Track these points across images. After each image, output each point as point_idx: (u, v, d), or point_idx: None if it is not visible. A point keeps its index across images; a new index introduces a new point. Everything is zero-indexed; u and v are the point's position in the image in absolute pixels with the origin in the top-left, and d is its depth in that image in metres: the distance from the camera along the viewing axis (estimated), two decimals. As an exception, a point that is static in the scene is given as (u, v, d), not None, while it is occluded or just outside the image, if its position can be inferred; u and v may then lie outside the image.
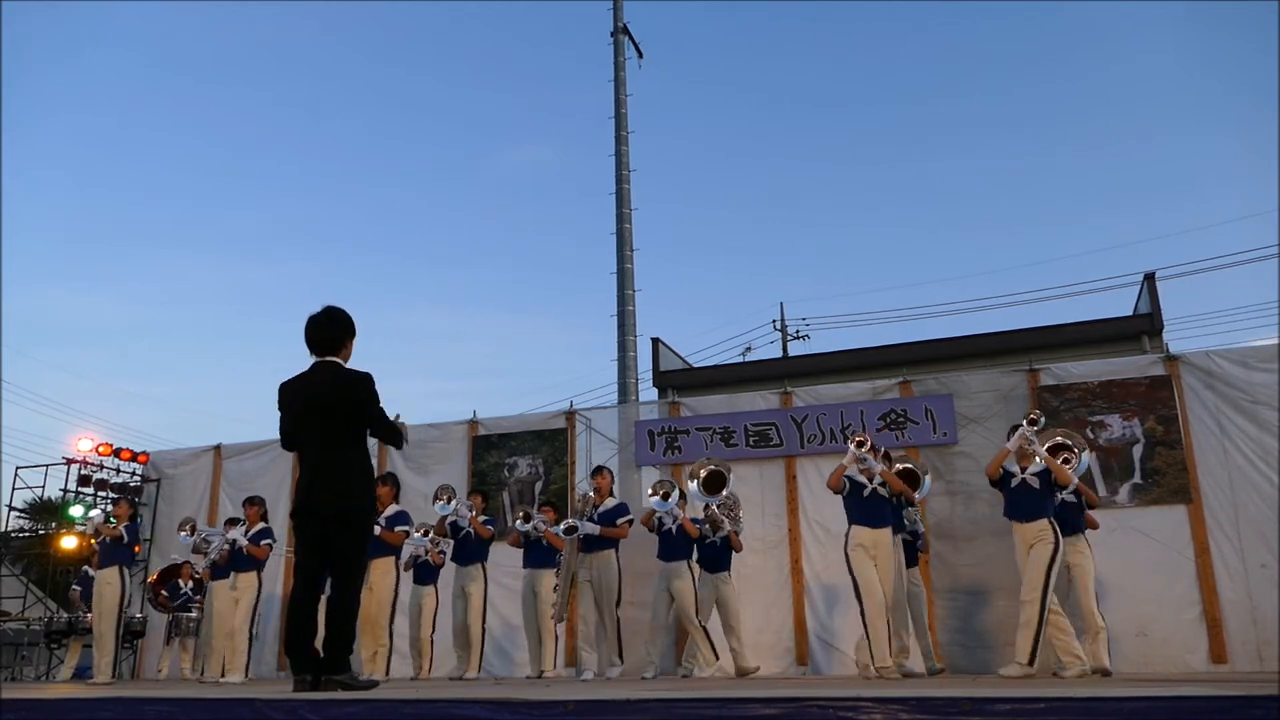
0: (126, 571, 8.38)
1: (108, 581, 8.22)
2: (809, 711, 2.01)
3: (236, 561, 8.36)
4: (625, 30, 16.88)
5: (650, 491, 7.79)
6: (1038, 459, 6.38)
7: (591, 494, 7.85)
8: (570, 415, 10.40)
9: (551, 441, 10.31)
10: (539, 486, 10.17)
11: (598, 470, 8.04)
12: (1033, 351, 11.25)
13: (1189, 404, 8.46)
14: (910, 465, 7.63)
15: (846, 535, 6.48)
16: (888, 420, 9.26)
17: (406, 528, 8.09)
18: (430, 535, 8.61)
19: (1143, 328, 13.61)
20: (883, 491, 6.39)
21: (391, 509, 8.11)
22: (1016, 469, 6.45)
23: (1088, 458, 6.92)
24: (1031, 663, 6.11)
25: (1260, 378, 8.37)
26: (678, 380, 15.50)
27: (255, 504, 8.64)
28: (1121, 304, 32.96)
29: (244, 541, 8.31)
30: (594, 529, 7.43)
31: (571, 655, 9.47)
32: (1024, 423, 6.39)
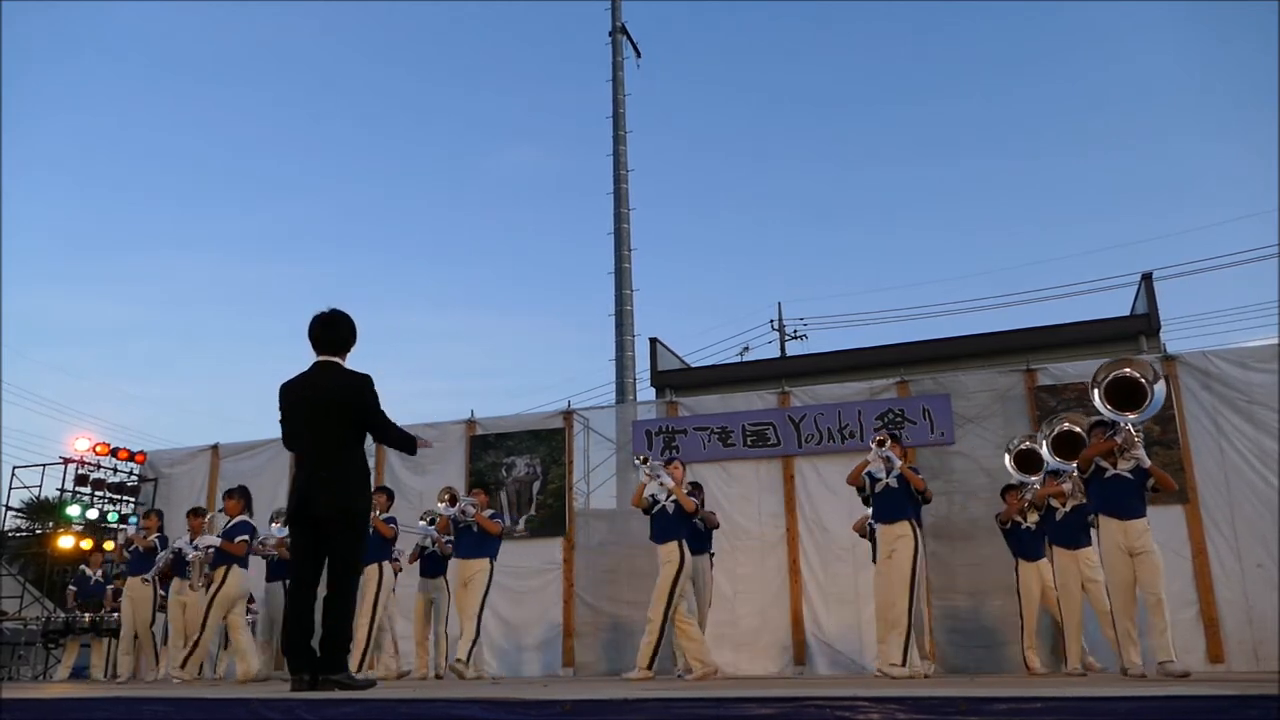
0: (156, 579, 8.71)
1: (141, 589, 8.56)
2: (806, 711, 2.01)
3: (216, 558, 7.73)
4: (623, 30, 16.91)
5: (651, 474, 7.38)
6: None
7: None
8: (568, 415, 10.41)
9: (549, 441, 10.31)
10: (537, 486, 10.18)
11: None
12: (1030, 351, 11.28)
13: (1186, 404, 8.48)
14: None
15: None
16: (885, 420, 9.26)
17: (245, 537, 7.64)
18: (435, 523, 8.52)
19: (1140, 328, 13.64)
20: (669, 508, 7.04)
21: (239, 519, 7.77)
22: (882, 473, 6.71)
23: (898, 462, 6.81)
24: (904, 663, 6.28)
25: (1257, 378, 8.38)
26: (675, 380, 15.52)
27: (234, 496, 7.93)
28: (1119, 304, 32.99)
29: (191, 551, 7.89)
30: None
31: (569, 655, 9.50)
32: (873, 444, 6.77)
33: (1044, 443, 6.66)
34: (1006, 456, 7.55)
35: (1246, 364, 8.49)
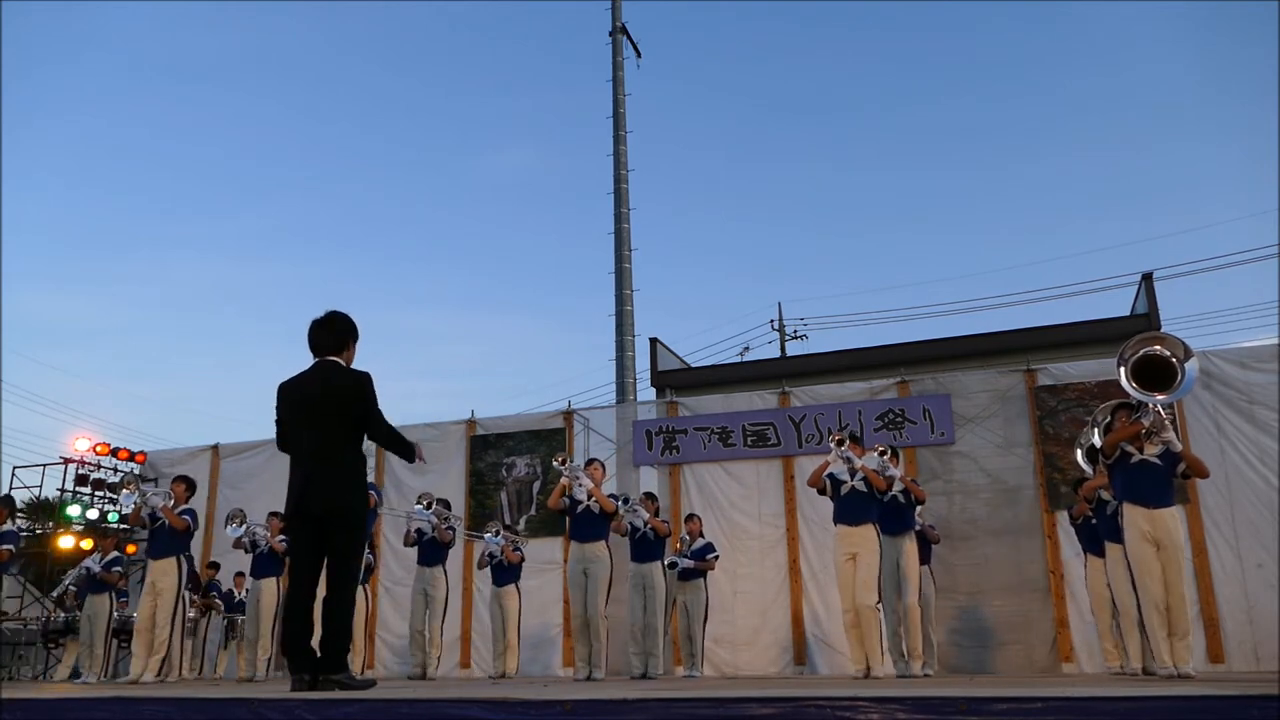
0: (189, 596, 8.89)
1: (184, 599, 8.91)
2: (806, 711, 2.01)
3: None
4: (623, 30, 16.90)
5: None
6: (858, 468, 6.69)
7: (686, 536, 8.60)
8: (568, 415, 10.41)
9: (549, 441, 10.32)
10: (537, 486, 10.18)
11: (690, 517, 8.79)
12: (1030, 351, 11.27)
13: (1186, 404, 8.47)
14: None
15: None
16: (885, 420, 9.27)
17: (10, 546, 7.61)
18: (431, 507, 8.57)
19: (1140, 328, 13.57)
20: (594, 508, 7.21)
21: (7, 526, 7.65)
22: (846, 475, 6.71)
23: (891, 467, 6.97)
24: (882, 657, 6.62)
25: (1257, 378, 8.39)
26: (676, 380, 15.51)
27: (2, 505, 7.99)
28: (1119, 304, 33.03)
29: (97, 569, 8.88)
30: (690, 563, 8.39)
31: (569, 655, 9.50)
32: (833, 444, 6.72)
33: (1096, 431, 6.14)
34: (1078, 451, 7.02)
35: (1246, 364, 8.50)
